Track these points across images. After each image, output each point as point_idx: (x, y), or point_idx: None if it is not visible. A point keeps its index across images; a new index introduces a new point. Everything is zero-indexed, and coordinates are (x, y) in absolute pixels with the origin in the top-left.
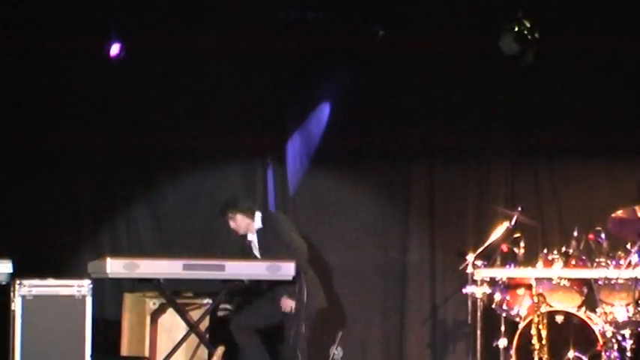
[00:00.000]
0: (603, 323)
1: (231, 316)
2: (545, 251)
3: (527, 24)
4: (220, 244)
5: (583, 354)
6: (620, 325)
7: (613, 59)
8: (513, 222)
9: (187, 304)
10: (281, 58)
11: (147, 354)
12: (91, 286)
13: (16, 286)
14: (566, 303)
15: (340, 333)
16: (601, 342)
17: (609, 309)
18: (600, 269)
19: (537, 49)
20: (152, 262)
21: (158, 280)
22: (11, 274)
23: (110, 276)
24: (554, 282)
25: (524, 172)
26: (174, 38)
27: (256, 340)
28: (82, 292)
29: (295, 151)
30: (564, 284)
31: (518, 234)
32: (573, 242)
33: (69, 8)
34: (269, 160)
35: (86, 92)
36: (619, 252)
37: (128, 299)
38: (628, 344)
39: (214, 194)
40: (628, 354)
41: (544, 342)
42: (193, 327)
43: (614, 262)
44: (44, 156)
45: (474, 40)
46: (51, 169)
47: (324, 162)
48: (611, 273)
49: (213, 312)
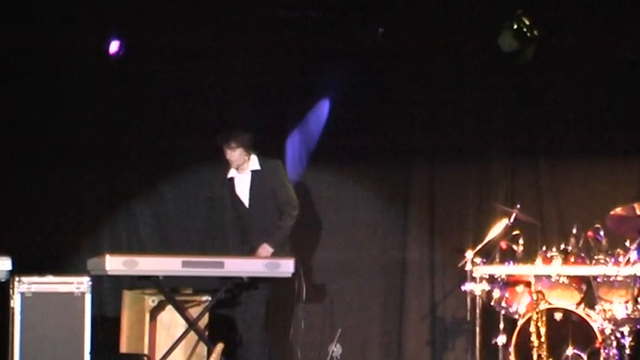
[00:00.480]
0: (602, 320)
1: (236, 313)
2: (544, 248)
3: (526, 21)
4: (220, 242)
5: (582, 351)
6: (619, 323)
7: (613, 57)
8: (512, 219)
9: (186, 302)
10: (281, 57)
11: (146, 351)
12: (90, 284)
13: (15, 283)
14: (565, 300)
15: (339, 330)
16: (600, 339)
17: (608, 306)
18: (599, 266)
19: (537, 47)
20: (151, 259)
21: (157, 278)
22: (10, 272)
23: (109, 273)
24: (553, 279)
25: (523, 170)
26: (174, 37)
27: (263, 336)
28: (82, 290)
29: (295, 149)
30: (563, 281)
31: (517, 231)
32: (572, 239)
33: (68, 6)
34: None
35: (86, 90)
36: (618, 249)
37: (127, 296)
38: (627, 341)
39: (214, 192)
40: (627, 351)
41: (543, 339)
42: (192, 324)
43: (613, 260)
44: (44, 153)
45: (474, 38)
46: (51, 167)
47: (324, 160)
48: (610, 270)
49: (212, 309)
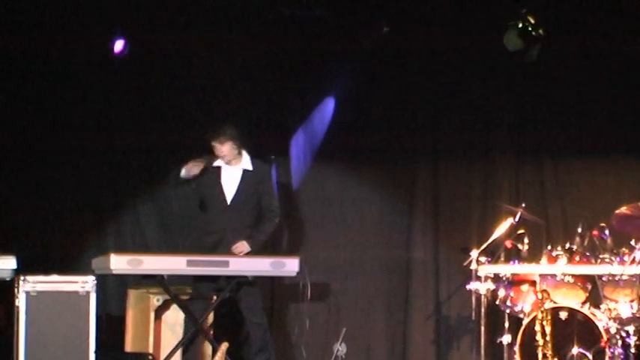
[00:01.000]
0: (607, 319)
1: (239, 299)
2: (549, 247)
3: (531, 20)
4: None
5: (587, 350)
6: (624, 322)
7: (618, 57)
8: (517, 218)
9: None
10: (285, 55)
11: (151, 350)
12: (95, 283)
13: (20, 282)
14: (570, 299)
15: (344, 329)
16: (605, 338)
17: (613, 305)
18: (604, 265)
19: (542, 46)
20: (156, 258)
21: (162, 276)
22: (15, 271)
23: (114, 272)
24: (558, 278)
25: (528, 169)
26: (177, 36)
27: (266, 323)
28: (86, 289)
29: (299, 148)
30: (568, 280)
31: (522, 230)
32: (577, 238)
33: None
34: (273, 157)
35: (89, 90)
36: (623, 248)
37: (132, 295)
38: (632, 340)
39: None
40: (632, 350)
41: (548, 338)
42: (197, 323)
43: (618, 259)
44: (48, 153)
45: (479, 38)
46: (56, 166)
47: (328, 158)
48: (615, 269)
49: (217, 308)
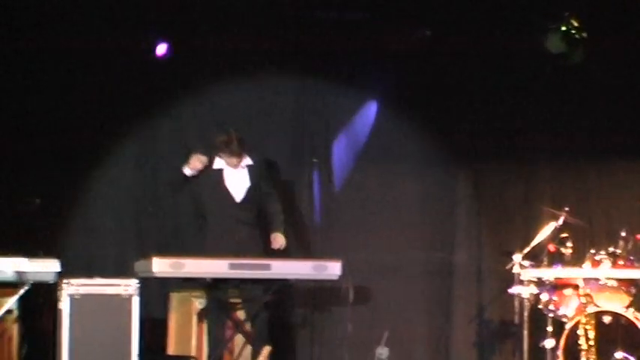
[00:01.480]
0: None
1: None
2: (592, 251)
3: (574, 23)
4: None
5: (631, 354)
6: None
7: None
8: (561, 222)
9: (233, 304)
10: (329, 58)
11: (193, 353)
12: (138, 286)
13: (64, 285)
14: (613, 303)
15: (386, 333)
16: None
17: None
18: None
19: (584, 49)
20: (198, 262)
21: (204, 280)
22: (59, 274)
23: (156, 275)
24: (601, 282)
25: (571, 172)
26: (214, 38)
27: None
28: (129, 292)
29: (341, 150)
30: (612, 284)
31: (565, 234)
32: (621, 242)
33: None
34: (315, 160)
35: (125, 91)
36: None
37: (174, 298)
38: None
39: None
40: None
41: (591, 343)
42: (239, 326)
43: None
44: (90, 154)
45: (520, 40)
46: (99, 170)
47: (370, 160)
48: None
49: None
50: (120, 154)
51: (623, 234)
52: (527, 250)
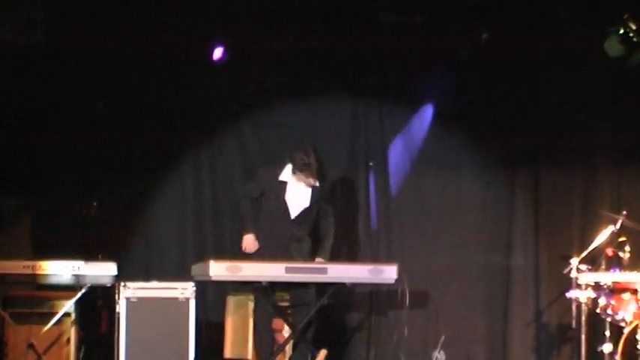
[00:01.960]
0: None
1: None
2: None
3: (633, 26)
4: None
5: None
6: None
7: None
8: (619, 226)
9: (289, 307)
10: (385, 60)
11: (250, 357)
12: (195, 289)
13: (121, 289)
14: None
15: (443, 336)
16: None
17: None
18: None
19: None
20: (255, 265)
21: (260, 283)
22: (116, 277)
23: (213, 278)
24: None
25: (630, 175)
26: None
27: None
28: (186, 295)
29: (397, 153)
30: None
31: (623, 238)
32: None
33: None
34: (371, 163)
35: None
36: None
37: (231, 302)
38: None
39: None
40: None
41: None
42: (296, 330)
43: None
44: (150, 160)
45: (579, 42)
46: (155, 172)
47: (427, 164)
48: None
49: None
50: (181, 159)
51: None
52: (584, 254)
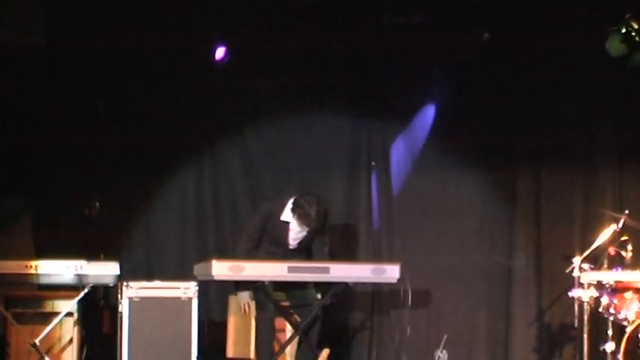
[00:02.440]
0: None
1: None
2: None
3: (634, 25)
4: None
5: None
6: None
7: None
8: (621, 225)
9: (290, 307)
10: (386, 60)
11: (252, 356)
12: (197, 289)
13: (123, 288)
14: None
15: (445, 336)
16: None
17: None
18: None
19: None
20: (257, 265)
21: (263, 283)
22: (118, 276)
23: (215, 278)
24: None
25: (632, 174)
26: (269, 39)
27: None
28: (188, 294)
29: (399, 154)
30: None
31: (625, 237)
32: None
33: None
34: (373, 163)
35: (191, 99)
36: None
37: (234, 301)
38: None
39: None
40: None
41: None
42: (298, 329)
43: None
44: (149, 159)
45: (580, 41)
46: (157, 173)
47: (429, 164)
48: None
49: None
50: (182, 159)
51: None
52: (587, 253)
